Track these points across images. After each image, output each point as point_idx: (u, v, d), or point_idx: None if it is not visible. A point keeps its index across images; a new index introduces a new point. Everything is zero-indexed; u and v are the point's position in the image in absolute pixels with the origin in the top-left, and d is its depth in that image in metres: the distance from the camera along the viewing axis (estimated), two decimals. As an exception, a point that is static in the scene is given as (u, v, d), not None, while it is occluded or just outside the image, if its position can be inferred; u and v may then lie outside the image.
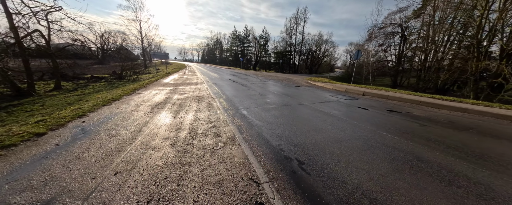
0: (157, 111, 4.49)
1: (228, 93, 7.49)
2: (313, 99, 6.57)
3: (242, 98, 6.36)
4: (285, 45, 50.60)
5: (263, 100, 6.11)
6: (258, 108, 5.00)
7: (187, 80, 12.02)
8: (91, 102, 5.33)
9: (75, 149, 2.49)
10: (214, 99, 6.15)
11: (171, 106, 5.05)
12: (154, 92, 7.25)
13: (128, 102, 5.46)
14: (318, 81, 13.63)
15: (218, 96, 6.67)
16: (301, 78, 18.99)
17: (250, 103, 5.60)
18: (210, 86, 9.37)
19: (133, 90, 7.59)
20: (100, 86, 12.68)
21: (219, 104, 5.40)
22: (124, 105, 5.01)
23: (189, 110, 4.68)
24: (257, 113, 4.56)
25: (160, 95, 6.64)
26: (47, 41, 10.10)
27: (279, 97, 6.80)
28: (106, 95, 6.88)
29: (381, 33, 25.94)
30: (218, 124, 3.68)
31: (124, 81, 15.80)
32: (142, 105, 5.12)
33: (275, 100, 6.26)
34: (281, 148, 2.66)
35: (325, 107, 5.45)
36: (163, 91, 7.65)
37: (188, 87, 8.87)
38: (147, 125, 3.54)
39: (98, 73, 22.24)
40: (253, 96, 6.82)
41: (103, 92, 9.36)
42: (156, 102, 5.54)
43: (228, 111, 4.71)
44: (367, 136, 3.25)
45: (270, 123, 3.81)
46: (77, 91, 10.87)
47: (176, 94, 7.03)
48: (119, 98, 5.98)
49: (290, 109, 4.99)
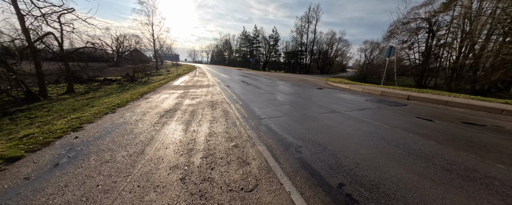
0: (165, 122, 3.75)
1: (244, 97, 6.66)
2: (348, 105, 5.53)
3: (261, 104, 5.50)
4: (296, 45, 49.24)
5: (287, 107, 5.19)
6: (285, 118, 4.10)
7: (198, 82, 11.41)
8: (94, 109, 4.74)
9: (47, 188, 1.75)
10: (229, 105, 5.35)
11: (182, 115, 4.30)
12: (163, 96, 6.61)
13: (134, 109, 4.80)
14: (339, 82, 12.43)
15: (233, 101, 5.86)
16: (317, 79, 17.78)
17: (273, 111, 4.71)
18: (222, 89, 8.62)
19: (141, 94, 7.02)
20: (111, 89, 12.47)
21: (236, 112, 4.57)
22: (129, 113, 4.35)
23: (203, 120, 3.89)
24: (285, 125, 3.66)
25: (170, 100, 5.96)
26: (60, 44, 9.95)
27: (305, 102, 5.84)
28: (112, 100, 6.34)
29: (404, 29, 23.91)
30: (242, 143, 2.83)
31: (135, 83, 15.63)
32: (149, 113, 4.42)
33: (301, 106, 5.32)
34: (348, 193, 1.73)
35: (371, 116, 4.42)
36: (173, 95, 7.00)
37: (199, 90, 8.18)
38: (151, 143, 2.77)
39: (112, 75, 22.57)
40: (273, 101, 5.93)
41: (112, 95, 8.96)
42: (165, 109, 4.83)
43: (249, 121, 3.86)
44: (478, 169, 2.23)
45: (309, 141, 2.89)
46: (88, 94, 10.65)
47: (187, 98, 6.33)
48: (125, 103, 5.36)
49: (326, 119, 4.04)
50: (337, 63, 68.96)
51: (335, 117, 4.26)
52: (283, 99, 6.44)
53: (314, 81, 15.26)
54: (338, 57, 61.24)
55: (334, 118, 4.13)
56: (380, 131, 3.39)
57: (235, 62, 70.93)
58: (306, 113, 4.54)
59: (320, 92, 8.21)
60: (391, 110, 5.12)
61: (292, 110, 4.84)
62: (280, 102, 5.81)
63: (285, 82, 13.57)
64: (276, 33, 53.49)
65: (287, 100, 6.27)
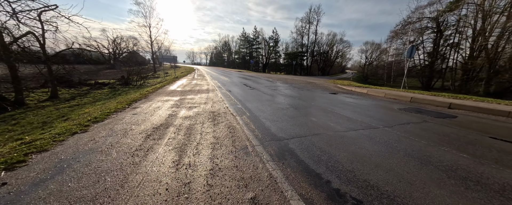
0: (150, 147, 2.72)
1: (250, 105, 5.64)
2: (382, 117, 4.48)
3: (273, 115, 4.48)
4: (296, 46, 48.49)
5: (306, 119, 4.17)
6: (312, 138, 3.08)
7: (197, 87, 10.39)
8: (62, 126, 3.70)
9: None
10: (234, 117, 4.33)
11: (175, 134, 3.28)
12: (155, 105, 5.58)
13: (114, 125, 3.77)
14: (350, 85, 11.49)
15: (238, 112, 4.84)
16: (323, 81, 16.84)
17: (291, 125, 3.70)
18: (224, 95, 7.60)
19: (130, 102, 5.98)
20: (101, 94, 11.41)
21: (245, 128, 3.55)
22: (105, 133, 3.31)
23: (202, 144, 2.87)
24: (316, 150, 2.65)
25: (162, 110, 4.93)
26: (41, 45, 8.92)
27: (326, 113, 4.83)
28: (93, 111, 5.31)
29: (410, 29, 23.13)
30: (263, 192, 1.81)
31: (129, 87, 14.57)
32: (133, 131, 3.39)
33: (323, 117, 4.32)
34: None
35: (427, 135, 3.37)
36: (167, 103, 5.97)
37: (198, 97, 7.15)
38: (120, 194, 1.75)
39: (107, 78, 21.47)
40: (286, 111, 4.92)
41: (98, 103, 7.91)
42: (154, 124, 3.80)
43: (266, 145, 2.84)
44: None
45: (367, 185, 1.87)
46: (74, 100, 9.58)
47: (183, 108, 5.30)
48: (105, 116, 4.32)
49: (367, 140, 3.01)
50: (337, 65, 68.25)
51: (377, 136, 3.24)
52: (297, 107, 5.43)
53: (322, 83, 14.30)
54: (338, 58, 60.59)
55: (379, 139, 3.12)
56: (463, 164, 2.39)
57: (234, 63, 70.02)
58: (335, 128, 3.53)
59: (336, 99, 7.22)
60: (445, 126, 4.00)
61: (315, 124, 3.83)
62: (295, 113, 4.79)
63: (291, 85, 12.58)
64: (276, 34, 52.79)
65: (302, 109, 5.26)
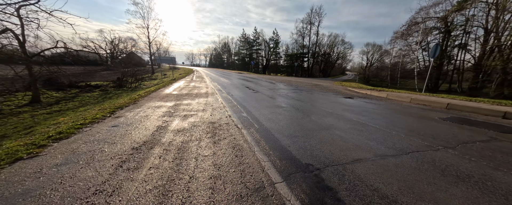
0: (118, 188, 1.79)
1: (258, 113, 4.72)
2: (433, 133, 3.46)
3: (289, 127, 3.56)
4: (297, 47, 47.80)
5: (333, 134, 3.25)
6: (359, 168, 2.14)
7: (195, 90, 9.48)
8: (5, 148, 2.77)
9: None
10: (240, 131, 3.41)
11: (159, 160, 2.35)
12: (143, 113, 4.65)
13: (80, 144, 2.84)
14: (361, 88, 10.62)
15: (244, 123, 3.92)
16: (329, 84, 15.96)
17: (317, 144, 2.78)
18: (225, 100, 6.68)
19: (114, 109, 5.05)
20: (90, 98, 10.46)
21: (258, 152, 2.63)
22: (61, 158, 2.38)
23: (197, 181, 1.94)
24: (379, 197, 1.74)
25: (150, 121, 4.01)
26: (21, 43, 8.00)
27: (357, 127, 3.92)
28: (69, 120, 4.37)
29: (414, 30, 22.41)
30: None
31: (122, 90, 13.63)
32: (101, 155, 2.46)
33: (357, 135, 3.37)
34: None
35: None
36: (158, 110, 5.05)
37: (195, 102, 6.24)
38: None
39: (103, 80, 20.49)
40: (302, 121, 4.01)
41: (80, 109, 6.97)
42: (135, 143, 2.88)
43: (294, 184, 1.91)
44: None
45: None
46: (58, 104, 8.63)
47: (177, 117, 4.38)
48: (75, 130, 3.39)
49: (469, 184, 2.09)
50: (337, 66, 67.56)
51: (446, 164, 2.28)
52: (314, 116, 4.52)
53: (329, 86, 13.41)
54: (339, 59, 59.95)
55: (454, 170, 2.15)
56: None
57: (234, 65, 69.24)
58: (379, 150, 2.61)
59: (356, 105, 6.31)
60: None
61: (347, 142, 2.91)
62: (314, 124, 3.87)
63: (297, 88, 11.69)
64: (276, 35, 52.12)
65: (320, 118, 4.35)
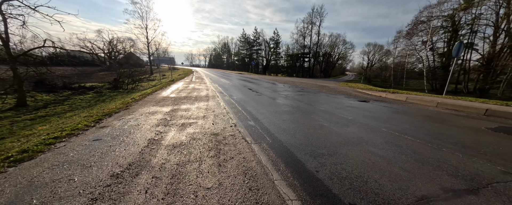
0: None
1: (267, 122, 4.08)
2: (493, 150, 2.82)
3: (310, 142, 2.91)
4: (298, 47, 47.21)
5: (367, 151, 2.60)
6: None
7: (194, 92, 8.83)
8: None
9: None
10: (249, 146, 2.76)
11: (145, 197, 1.68)
12: (133, 122, 3.99)
13: (42, 170, 2.17)
14: (371, 90, 9.99)
15: (254, 135, 3.27)
16: (335, 85, 15.33)
17: (355, 169, 2.13)
18: (228, 104, 6.04)
19: (102, 116, 4.39)
20: (83, 100, 9.79)
21: (278, 181, 1.97)
22: (6, 194, 1.73)
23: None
24: None
25: (142, 133, 3.36)
26: (4, 42, 7.33)
27: (392, 141, 3.27)
28: (49, 129, 3.71)
29: (422, 29, 21.83)
30: None
31: (117, 92, 12.96)
32: (68, 187, 1.81)
33: (398, 153, 2.73)
34: None
35: None
36: (152, 117, 4.39)
37: (195, 107, 5.59)
38: None
39: (101, 81, 19.79)
40: (321, 131, 3.36)
41: (67, 115, 6.30)
42: (118, 165, 2.22)
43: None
44: None
45: None
46: (46, 109, 7.96)
47: (173, 127, 3.73)
48: (45, 147, 2.73)
49: None
50: (338, 66, 66.97)
51: None
52: (336, 126, 3.87)
53: (336, 87, 12.77)
54: (340, 60, 59.38)
55: None
56: None
57: (233, 65, 68.60)
58: (453, 185, 1.96)
59: (377, 110, 5.66)
60: None
61: (404, 171, 2.27)
62: (339, 138, 3.23)
63: (303, 89, 11.05)
64: (277, 35, 51.52)
65: (343, 127, 3.70)
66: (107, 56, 40.86)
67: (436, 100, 5.92)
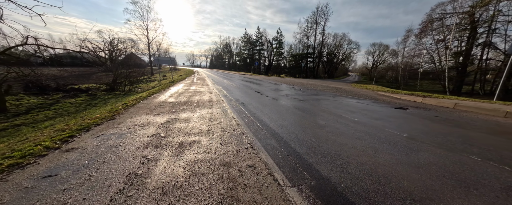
0: None
1: (297, 144, 3.02)
2: None
3: (384, 188, 1.87)
4: (301, 47, 46.13)
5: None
6: None
7: (196, 95, 7.81)
8: None
9: None
10: (283, 195, 1.72)
11: None
12: (115, 141, 2.96)
13: None
14: (392, 92, 8.90)
15: (287, 170, 2.21)
16: (349, 86, 14.20)
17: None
18: (237, 112, 4.98)
19: (76, 131, 3.37)
20: (73, 104, 8.83)
21: None
22: None
23: None
24: None
25: (121, 162, 2.32)
26: (-21, 39, 6.39)
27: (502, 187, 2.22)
28: (2, 148, 2.71)
29: (437, 26, 20.62)
30: None
31: (113, 94, 12.00)
32: None
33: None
34: None
35: None
36: (141, 132, 3.36)
37: (196, 116, 4.55)
38: None
39: (100, 82, 18.89)
40: (400, 170, 2.31)
41: (44, 125, 5.29)
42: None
43: None
44: None
45: None
46: (26, 115, 7.00)
47: (167, 150, 2.69)
48: None
49: None
50: (341, 67, 65.62)
51: None
52: (399, 151, 2.82)
53: (352, 90, 11.63)
54: (344, 60, 58.13)
55: None
56: None
57: (235, 66, 67.64)
58: None
59: (428, 121, 4.59)
60: None
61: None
62: (428, 176, 2.19)
63: (317, 92, 9.97)
64: (280, 35, 50.47)
65: (411, 154, 2.65)
66: (107, 57, 40.20)
67: (499, 108, 4.61)
